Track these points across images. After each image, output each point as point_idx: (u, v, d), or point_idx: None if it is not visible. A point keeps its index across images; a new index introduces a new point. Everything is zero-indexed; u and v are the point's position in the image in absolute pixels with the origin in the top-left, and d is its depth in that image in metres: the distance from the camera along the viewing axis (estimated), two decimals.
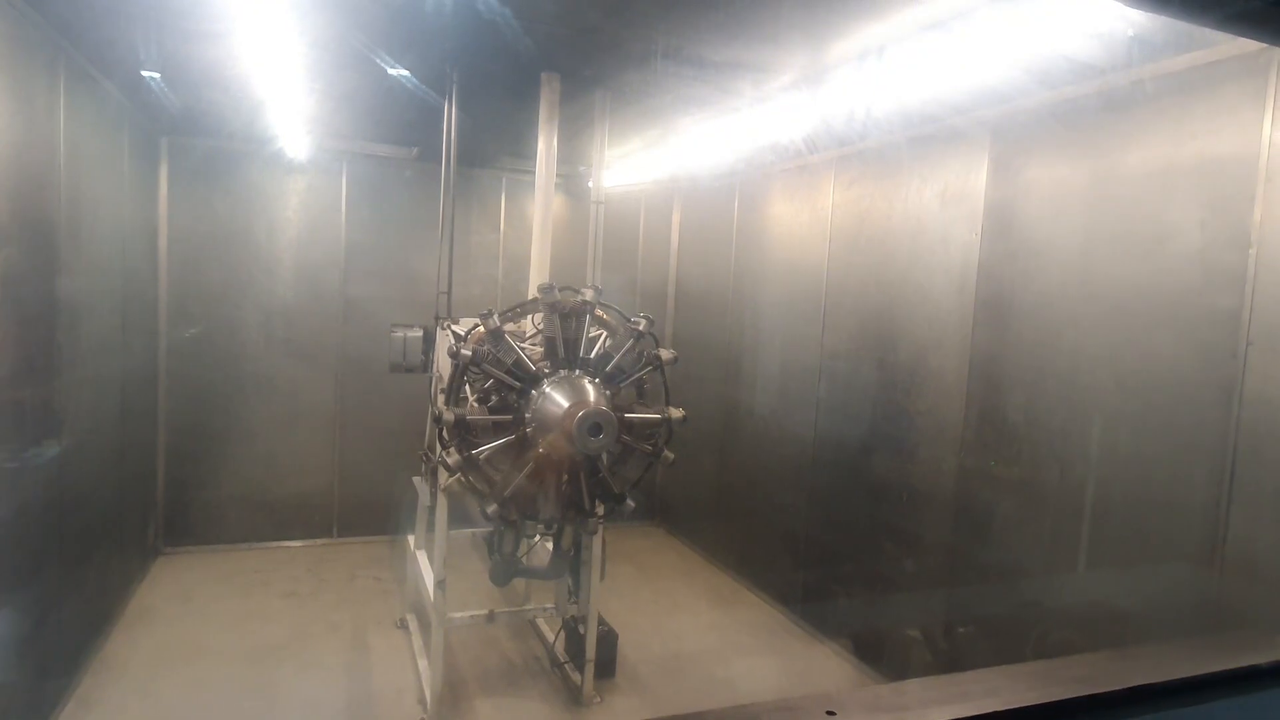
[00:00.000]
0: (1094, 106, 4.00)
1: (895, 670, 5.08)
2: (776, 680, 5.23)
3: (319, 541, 7.35)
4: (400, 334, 5.34)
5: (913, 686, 1.01)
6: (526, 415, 3.60)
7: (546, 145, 4.67)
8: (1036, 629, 4.07)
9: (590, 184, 5.65)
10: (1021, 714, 0.93)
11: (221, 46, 4.29)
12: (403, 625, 5.74)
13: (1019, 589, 4.23)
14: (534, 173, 4.78)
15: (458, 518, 4.62)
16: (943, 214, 4.90)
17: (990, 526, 4.45)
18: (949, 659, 4.69)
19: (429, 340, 5.32)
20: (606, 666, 5.10)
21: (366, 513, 7.40)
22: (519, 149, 6.91)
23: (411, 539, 5.81)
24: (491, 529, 4.23)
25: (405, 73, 4.72)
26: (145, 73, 5.13)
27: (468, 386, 3.81)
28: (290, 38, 4.05)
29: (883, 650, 5.25)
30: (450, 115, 4.85)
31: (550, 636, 5.45)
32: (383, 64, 4.57)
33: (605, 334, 3.84)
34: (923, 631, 4.89)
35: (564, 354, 3.67)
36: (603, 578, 4.94)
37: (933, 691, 0.96)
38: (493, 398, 3.75)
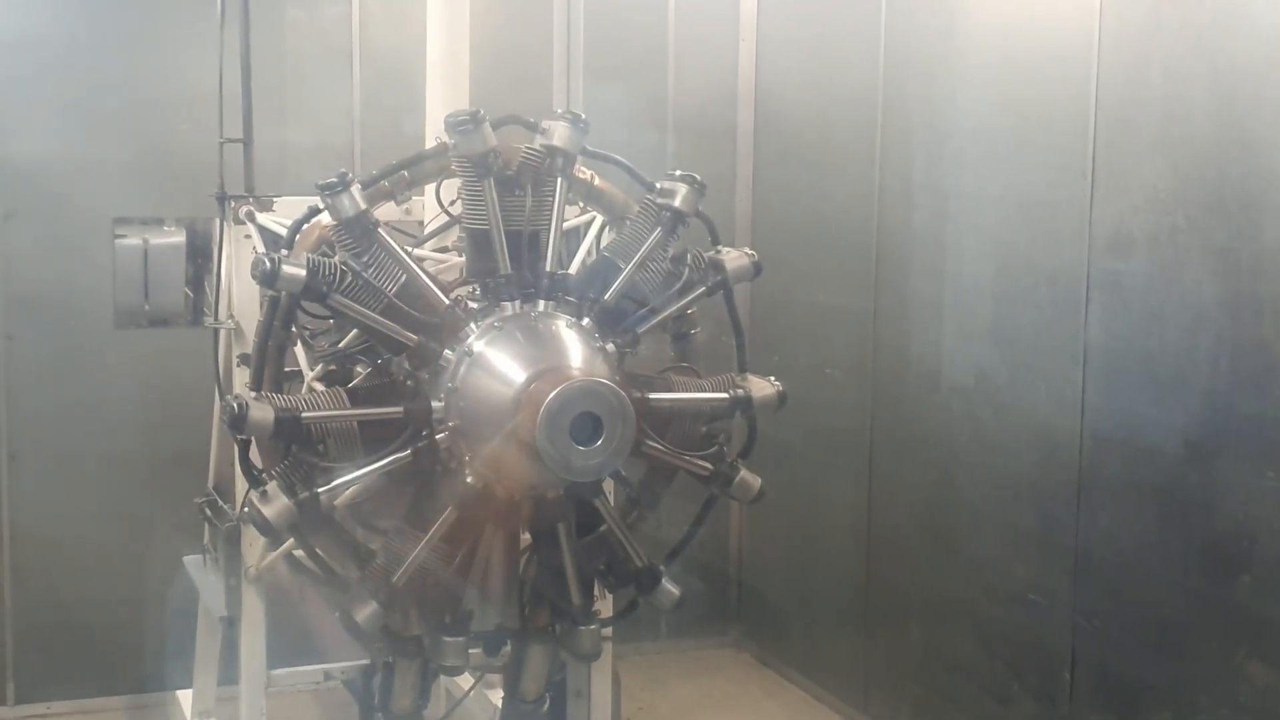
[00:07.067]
0: None
1: None
2: None
3: None
4: (135, 241, 3.00)
5: None
6: (434, 404, 2.09)
7: None
8: None
9: None
10: None
11: None
12: None
13: None
14: None
15: (288, 641, 2.64)
16: None
17: None
18: None
19: (200, 250, 2.98)
20: None
21: (71, 652, 3.93)
22: None
23: (186, 697, 3.35)
24: (368, 661, 2.45)
25: None
26: None
27: (302, 348, 2.34)
28: None
29: None
30: None
31: None
32: None
33: (597, 219, 2.40)
34: None
35: (509, 267, 2.12)
36: None
37: None
38: (358, 370, 2.27)
